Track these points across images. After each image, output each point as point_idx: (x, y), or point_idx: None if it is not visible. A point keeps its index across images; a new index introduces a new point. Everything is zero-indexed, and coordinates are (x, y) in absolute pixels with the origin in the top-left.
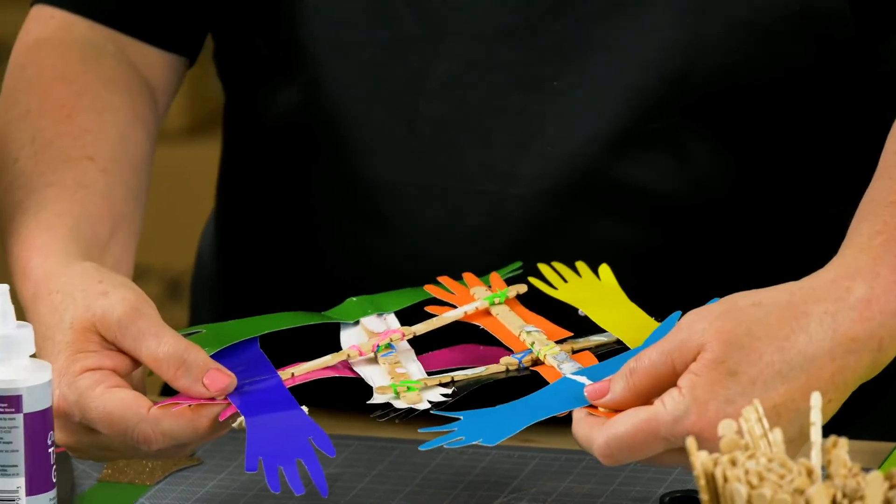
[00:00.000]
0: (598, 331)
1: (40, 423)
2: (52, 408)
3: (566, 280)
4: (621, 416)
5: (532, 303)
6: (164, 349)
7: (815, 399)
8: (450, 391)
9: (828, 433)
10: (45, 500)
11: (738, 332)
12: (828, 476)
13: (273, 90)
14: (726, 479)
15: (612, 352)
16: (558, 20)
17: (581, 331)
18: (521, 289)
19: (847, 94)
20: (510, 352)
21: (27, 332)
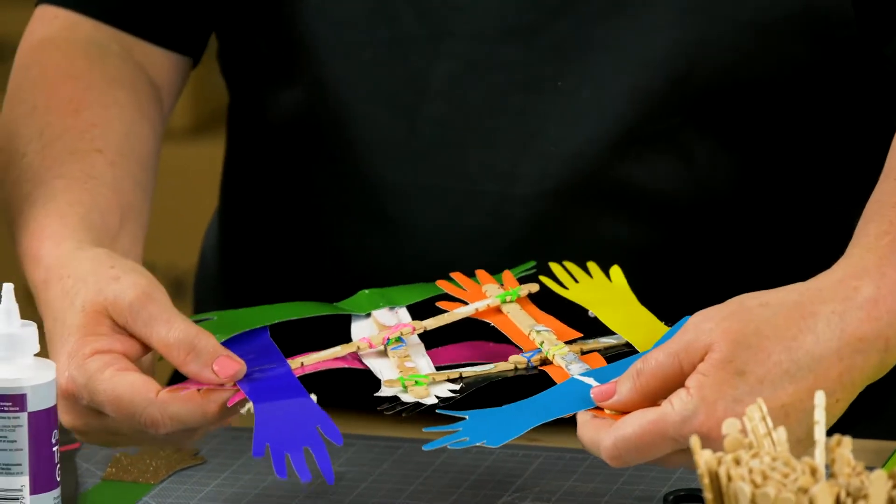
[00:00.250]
0: (608, 333)
1: (44, 422)
2: (56, 407)
3: (577, 280)
4: (629, 418)
5: (543, 303)
6: (175, 334)
7: (819, 398)
8: (457, 387)
9: (832, 432)
10: (50, 499)
11: (745, 331)
12: (832, 475)
13: (276, 90)
14: (730, 478)
15: (621, 354)
16: (560, 20)
17: (591, 332)
18: (533, 288)
19: (850, 95)
20: (519, 350)
21: (31, 330)
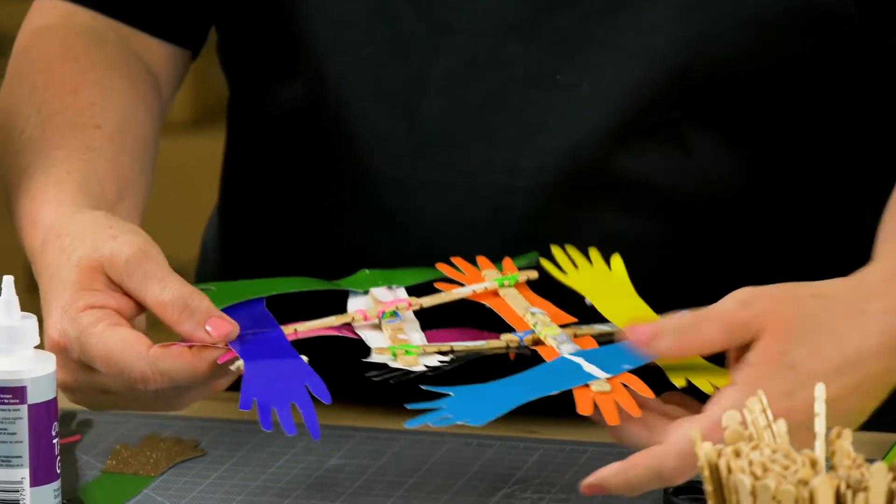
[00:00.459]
0: (603, 321)
1: (44, 415)
2: (56, 399)
3: (577, 266)
4: (678, 428)
5: (542, 291)
6: (169, 293)
7: (819, 390)
8: (447, 358)
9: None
10: (50, 492)
11: (799, 323)
12: (832, 467)
13: (276, 85)
14: (730, 470)
15: (613, 342)
16: (559, 16)
17: (586, 319)
18: (532, 275)
19: (851, 90)
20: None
21: (32, 323)
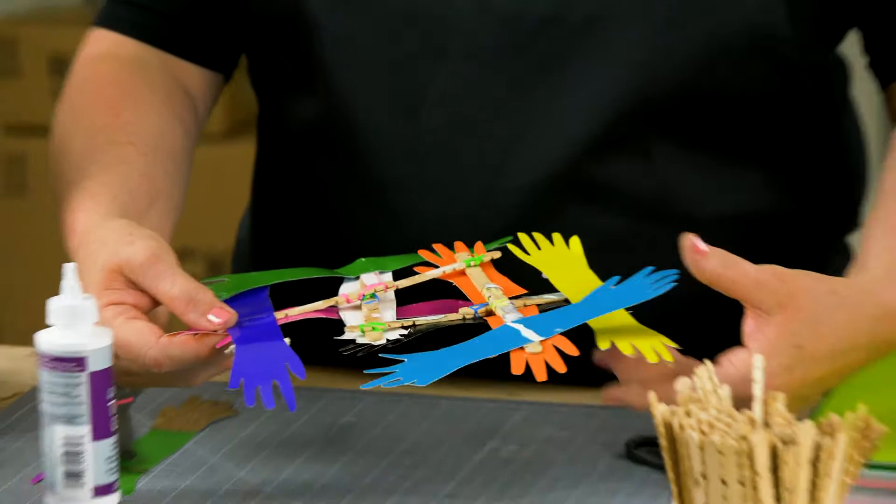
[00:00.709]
0: (553, 291)
1: (102, 380)
2: (112, 367)
3: (540, 248)
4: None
5: (508, 268)
6: (177, 289)
7: (759, 360)
8: (407, 332)
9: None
10: (107, 445)
11: (813, 312)
12: (767, 425)
13: (297, 101)
14: (682, 428)
15: (558, 308)
16: (540, 42)
17: (538, 291)
18: (495, 255)
19: (791, 103)
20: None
21: (91, 303)
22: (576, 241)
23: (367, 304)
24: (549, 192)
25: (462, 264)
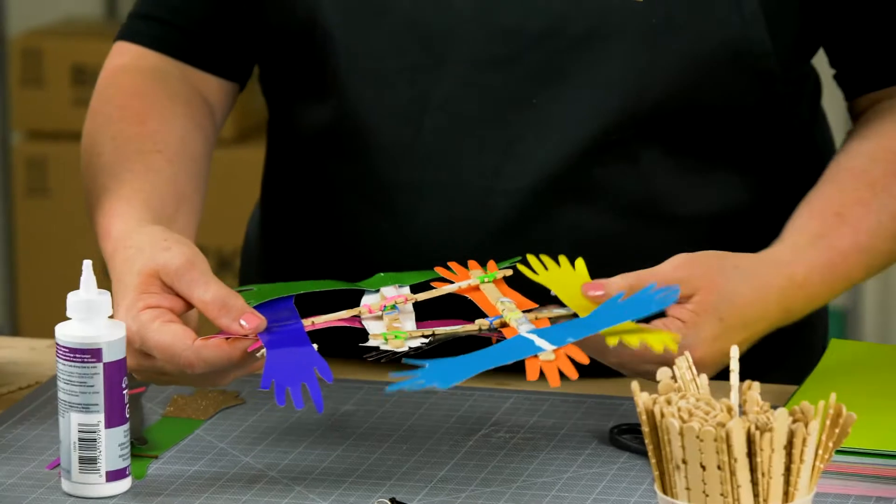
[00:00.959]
0: (561, 306)
1: (116, 371)
2: (125, 358)
3: (547, 268)
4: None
5: (519, 287)
6: (210, 294)
7: (734, 351)
8: (428, 340)
9: (745, 378)
10: (121, 432)
11: (725, 287)
12: (744, 412)
13: (306, 107)
14: (663, 415)
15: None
16: (536, 53)
17: (547, 305)
18: (507, 273)
19: (770, 112)
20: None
21: (106, 297)
22: (580, 262)
23: (388, 314)
24: (544, 194)
25: (476, 280)
